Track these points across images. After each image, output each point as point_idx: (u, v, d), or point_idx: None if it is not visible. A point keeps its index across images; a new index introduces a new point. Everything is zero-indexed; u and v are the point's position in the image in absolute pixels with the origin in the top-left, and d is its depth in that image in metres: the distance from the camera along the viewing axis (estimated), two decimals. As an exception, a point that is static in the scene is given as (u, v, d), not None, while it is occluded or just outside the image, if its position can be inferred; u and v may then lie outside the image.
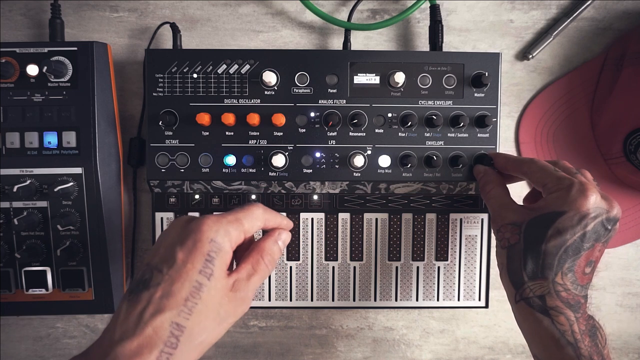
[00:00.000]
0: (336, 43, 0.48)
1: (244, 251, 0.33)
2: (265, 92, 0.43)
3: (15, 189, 0.40)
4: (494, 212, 0.38)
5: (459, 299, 0.47)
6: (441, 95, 0.43)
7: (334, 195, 0.46)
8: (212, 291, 0.28)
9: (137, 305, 0.27)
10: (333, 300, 0.47)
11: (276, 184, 0.44)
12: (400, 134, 0.44)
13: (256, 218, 0.32)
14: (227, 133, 0.43)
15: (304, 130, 0.43)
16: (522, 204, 0.40)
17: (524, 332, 0.35)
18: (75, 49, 0.42)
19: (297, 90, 0.43)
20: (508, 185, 0.40)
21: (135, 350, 0.25)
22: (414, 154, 0.43)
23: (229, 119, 0.42)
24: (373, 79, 0.43)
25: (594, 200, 0.33)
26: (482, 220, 0.46)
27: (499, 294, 0.51)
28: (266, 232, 0.35)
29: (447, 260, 0.47)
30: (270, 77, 0.42)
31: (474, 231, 0.46)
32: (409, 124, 0.43)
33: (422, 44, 0.48)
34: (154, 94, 0.43)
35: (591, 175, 0.36)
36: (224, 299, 0.29)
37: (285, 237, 0.35)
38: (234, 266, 0.32)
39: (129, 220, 0.48)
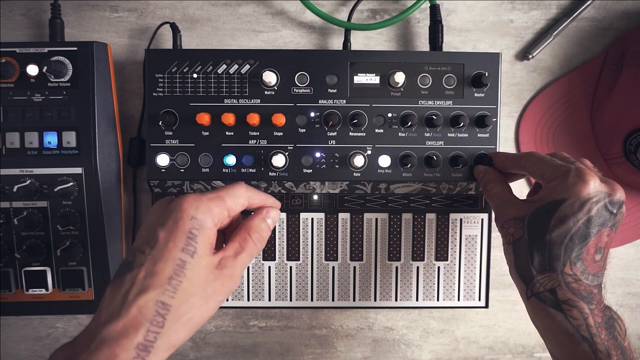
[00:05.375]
0: (336, 43, 0.48)
1: (233, 232, 0.33)
2: (265, 92, 0.43)
3: (15, 189, 0.40)
4: (496, 209, 0.38)
5: (459, 299, 0.47)
6: (441, 95, 0.43)
7: (334, 195, 0.46)
8: (197, 269, 0.28)
9: (121, 288, 0.27)
10: (333, 300, 0.47)
11: (276, 184, 0.44)
12: (400, 134, 0.44)
13: (239, 196, 0.32)
14: (227, 133, 0.43)
15: (304, 130, 0.43)
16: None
17: (538, 329, 0.35)
18: (75, 49, 0.42)
19: (297, 90, 0.43)
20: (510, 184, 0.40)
21: (121, 331, 0.25)
22: (414, 154, 0.43)
23: (229, 119, 0.42)
24: (373, 79, 0.43)
25: (594, 185, 0.32)
26: (482, 220, 0.46)
27: (499, 294, 0.51)
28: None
29: (447, 260, 0.47)
30: (270, 77, 0.42)
31: (474, 231, 0.46)
32: (409, 124, 0.43)
33: (422, 44, 0.48)
34: (154, 94, 0.43)
35: (591, 163, 0.36)
36: (209, 276, 0.29)
37: (274, 215, 0.34)
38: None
39: (129, 220, 0.48)
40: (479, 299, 0.47)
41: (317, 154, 0.43)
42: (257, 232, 0.32)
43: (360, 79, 0.43)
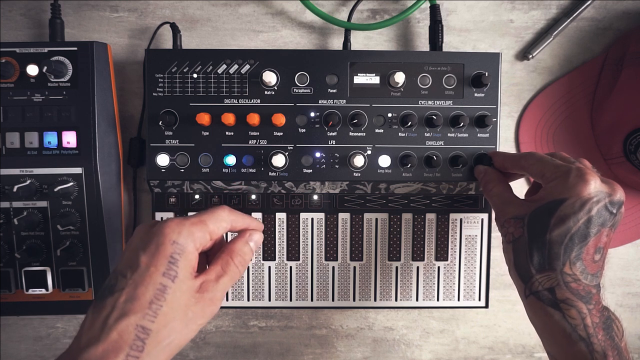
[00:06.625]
0: (336, 43, 0.48)
1: (216, 254, 0.33)
2: (265, 92, 0.43)
3: (15, 189, 0.40)
4: (496, 208, 0.38)
5: (459, 299, 0.47)
6: (441, 95, 0.43)
7: (334, 195, 0.46)
8: (178, 293, 0.28)
9: (102, 311, 0.27)
10: (333, 300, 0.47)
11: (276, 184, 0.44)
12: (400, 134, 0.44)
13: (221, 219, 0.32)
14: (227, 133, 0.43)
15: (304, 130, 0.43)
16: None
17: (536, 328, 0.35)
18: (75, 49, 0.42)
19: (297, 90, 0.43)
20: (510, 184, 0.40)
21: (101, 356, 0.25)
22: (414, 154, 0.43)
23: (229, 119, 0.42)
24: (373, 79, 0.43)
25: (594, 185, 0.32)
26: (482, 220, 0.46)
27: (499, 294, 0.51)
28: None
29: (447, 260, 0.47)
30: (270, 77, 0.42)
31: (474, 231, 0.46)
32: (409, 124, 0.43)
33: (422, 44, 0.48)
34: (154, 94, 0.43)
35: (590, 164, 0.36)
36: (190, 300, 0.29)
37: (257, 238, 0.34)
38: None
39: (129, 220, 0.48)
40: (479, 299, 0.47)
41: (317, 154, 0.43)
42: (239, 256, 0.32)
43: (360, 79, 0.43)
